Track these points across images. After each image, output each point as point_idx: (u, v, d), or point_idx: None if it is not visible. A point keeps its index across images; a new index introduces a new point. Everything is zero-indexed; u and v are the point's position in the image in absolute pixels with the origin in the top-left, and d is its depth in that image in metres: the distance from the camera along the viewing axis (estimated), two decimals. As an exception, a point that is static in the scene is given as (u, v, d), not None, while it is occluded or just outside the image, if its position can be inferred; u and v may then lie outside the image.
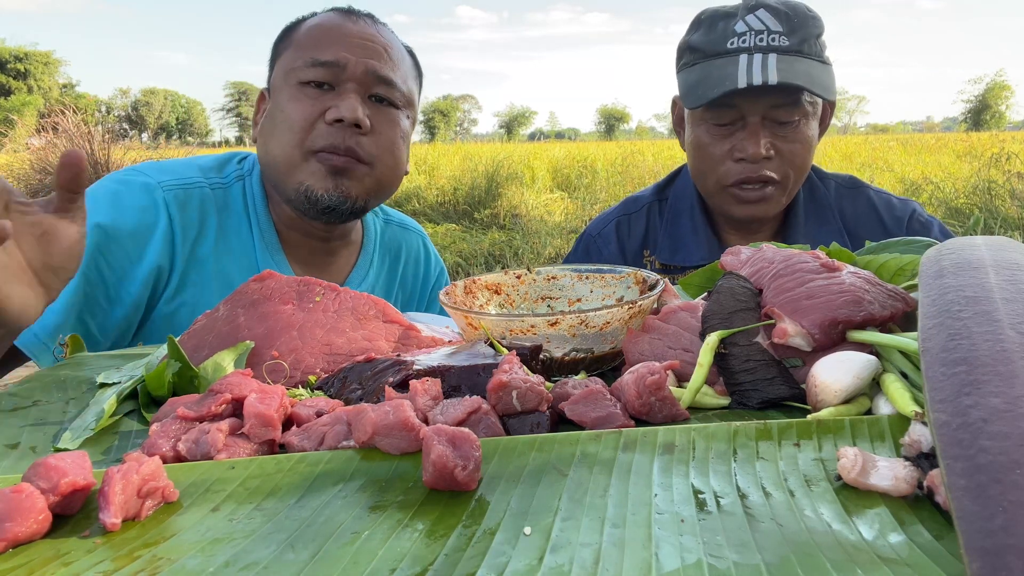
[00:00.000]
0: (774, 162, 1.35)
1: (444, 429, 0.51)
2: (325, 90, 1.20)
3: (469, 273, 7.55)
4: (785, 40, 1.32)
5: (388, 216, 1.53)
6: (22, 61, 57.10)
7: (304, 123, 1.18)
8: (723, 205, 1.42)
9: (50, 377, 0.82)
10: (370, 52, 1.21)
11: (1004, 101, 69.92)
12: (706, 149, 1.39)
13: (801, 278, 0.70)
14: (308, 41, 1.22)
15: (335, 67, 1.19)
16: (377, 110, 1.23)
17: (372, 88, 1.22)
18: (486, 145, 17.95)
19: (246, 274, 1.22)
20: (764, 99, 1.31)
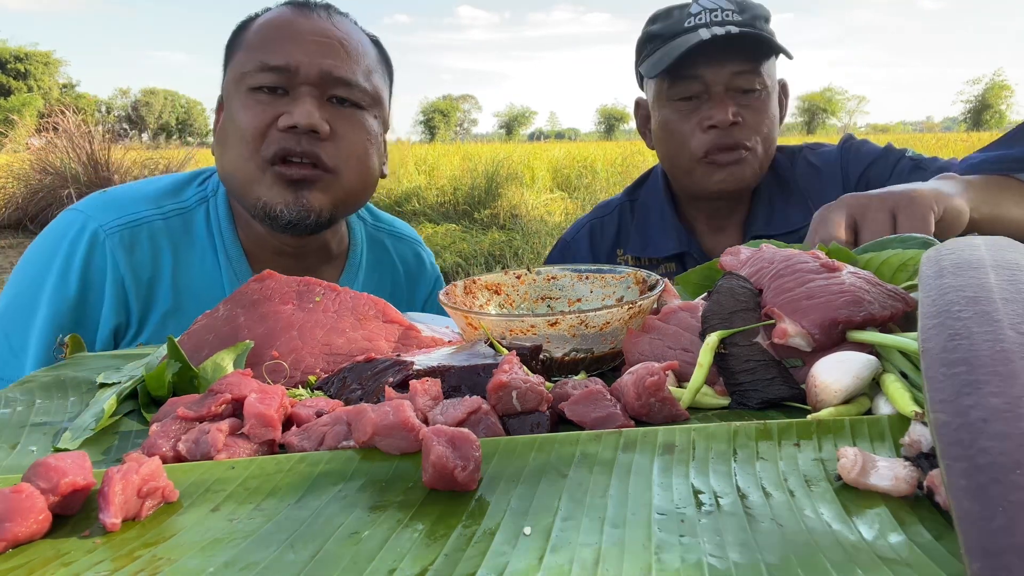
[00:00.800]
0: (743, 129, 1.38)
1: (444, 430, 0.51)
2: (279, 95, 1.10)
3: (469, 273, 7.55)
4: (737, 16, 1.37)
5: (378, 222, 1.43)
6: (22, 61, 57.13)
7: (255, 132, 1.09)
8: (699, 181, 1.43)
9: (50, 377, 0.82)
10: (325, 51, 1.11)
11: (1004, 101, 69.92)
12: (674, 126, 1.43)
13: (801, 278, 0.70)
14: (258, 42, 1.13)
15: (286, 71, 1.09)
16: (338, 113, 1.13)
17: (330, 90, 1.12)
18: (486, 145, 17.96)
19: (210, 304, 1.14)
20: (727, 66, 1.36)
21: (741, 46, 1.35)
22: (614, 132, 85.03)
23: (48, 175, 10.69)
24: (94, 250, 1.11)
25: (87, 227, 1.13)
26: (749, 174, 1.42)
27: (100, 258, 1.11)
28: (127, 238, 1.13)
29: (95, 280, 1.11)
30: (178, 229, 1.17)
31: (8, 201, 11.02)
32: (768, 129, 1.42)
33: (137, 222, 1.14)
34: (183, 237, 1.17)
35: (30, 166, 10.98)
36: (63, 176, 10.42)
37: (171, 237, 1.16)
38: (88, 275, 1.11)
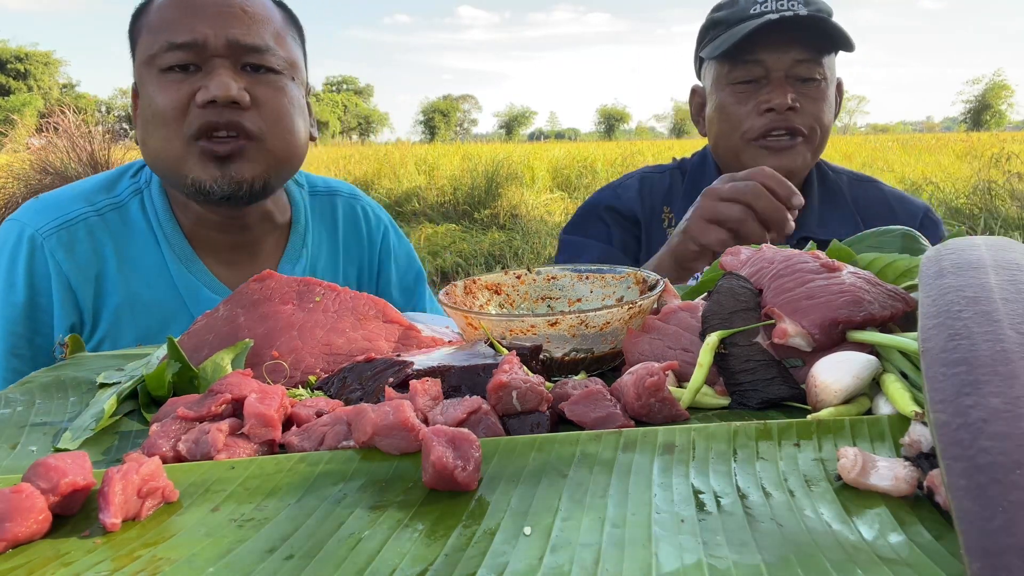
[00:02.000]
0: (799, 115, 1.39)
1: (443, 430, 0.51)
2: (191, 72, 1.08)
3: (469, 273, 7.55)
4: (803, 8, 1.38)
5: (314, 186, 1.39)
6: (22, 61, 57.12)
7: (175, 111, 1.07)
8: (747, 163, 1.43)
9: (50, 377, 0.82)
10: (229, 20, 1.09)
11: (1004, 101, 69.92)
12: (731, 108, 1.44)
13: (801, 278, 0.70)
14: (160, 22, 1.10)
15: (194, 46, 1.07)
16: (255, 79, 1.11)
17: (242, 58, 1.10)
18: (486, 145, 17.97)
19: (162, 294, 1.16)
20: (790, 52, 1.37)
21: (805, 33, 1.36)
22: (614, 132, 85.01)
23: (48, 175, 10.68)
24: (34, 255, 1.12)
25: (24, 234, 1.13)
26: (800, 162, 1.42)
27: (41, 262, 1.12)
28: (64, 238, 1.13)
29: (40, 284, 1.12)
30: (115, 223, 1.17)
31: (8, 201, 11.01)
32: (826, 117, 1.43)
33: (72, 221, 1.14)
34: (121, 230, 1.17)
35: (30, 166, 10.98)
36: (63, 176, 10.41)
37: (109, 231, 1.16)
38: (33, 280, 1.12)
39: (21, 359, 1.11)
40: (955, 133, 33.17)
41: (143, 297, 1.15)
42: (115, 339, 1.14)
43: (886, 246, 0.91)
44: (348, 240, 1.39)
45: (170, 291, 1.17)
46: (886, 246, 0.91)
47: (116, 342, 1.14)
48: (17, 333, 1.11)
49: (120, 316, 1.14)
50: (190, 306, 1.17)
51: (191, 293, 1.17)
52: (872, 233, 0.93)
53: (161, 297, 1.16)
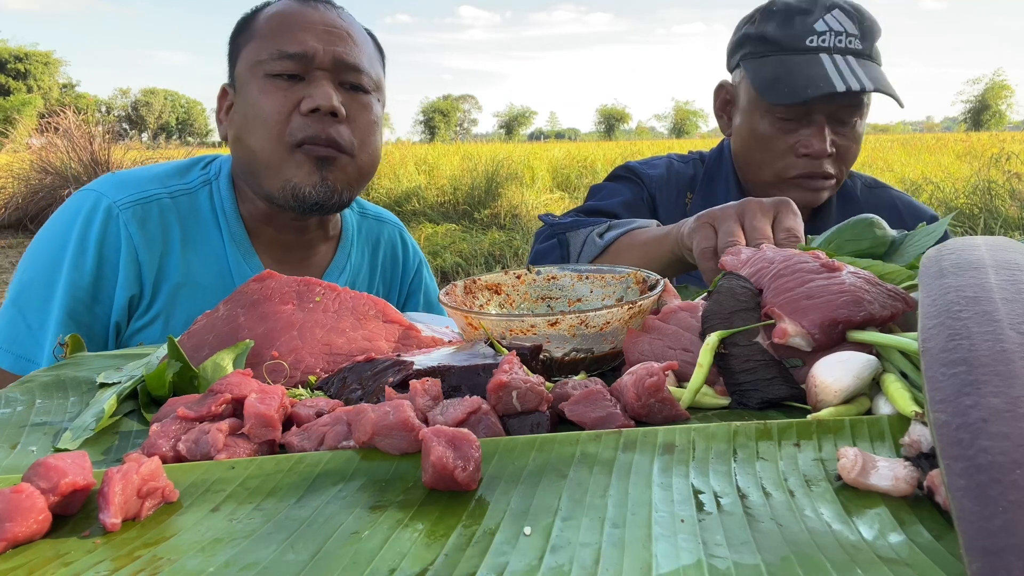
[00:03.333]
0: (833, 159, 1.40)
1: (443, 430, 0.51)
2: (295, 81, 1.17)
3: (469, 273, 7.55)
4: (859, 44, 1.36)
5: (364, 209, 1.51)
6: (22, 61, 57.10)
7: (279, 116, 1.16)
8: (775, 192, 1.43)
9: (50, 377, 0.82)
10: (335, 39, 1.19)
11: (1004, 101, 69.88)
12: (769, 142, 1.42)
13: (801, 278, 0.70)
14: (271, 32, 1.19)
15: (303, 58, 1.16)
16: (350, 97, 1.21)
17: (342, 76, 1.20)
18: (486, 145, 17.96)
19: (217, 280, 1.22)
20: (835, 100, 1.35)
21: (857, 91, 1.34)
22: (614, 132, 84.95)
23: (48, 175, 10.69)
24: (108, 224, 1.17)
25: (100, 203, 1.18)
26: (824, 198, 1.45)
27: (114, 232, 1.17)
28: (139, 213, 1.19)
29: (109, 254, 1.17)
30: (185, 207, 1.24)
31: (8, 201, 11.02)
32: (854, 157, 1.43)
33: (148, 199, 1.21)
34: (189, 215, 1.24)
35: (30, 166, 10.98)
36: (63, 176, 10.42)
37: (179, 214, 1.23)
38: (103, 249, 1.17)
39: (78, 324, 1.16)
40: (955, 133, 33.15)
41: (199, 280, 1.22)
42: (168, 317, 1.20)
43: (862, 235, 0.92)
44: (386, 264, 1.50)
45: (225, 278, 1.23)
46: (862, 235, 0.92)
47: (168, 320, 1.20)
48: (79, 298, 1.16)
49: (176, 296, 1.20)
50: None
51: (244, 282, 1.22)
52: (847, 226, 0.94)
53: (216, 283, 1.22)
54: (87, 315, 1.16)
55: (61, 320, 1.14)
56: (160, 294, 1.19)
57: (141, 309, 1.20)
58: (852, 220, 0.95)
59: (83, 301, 1.16)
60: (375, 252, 1.48)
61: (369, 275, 1.45)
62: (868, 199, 1.57)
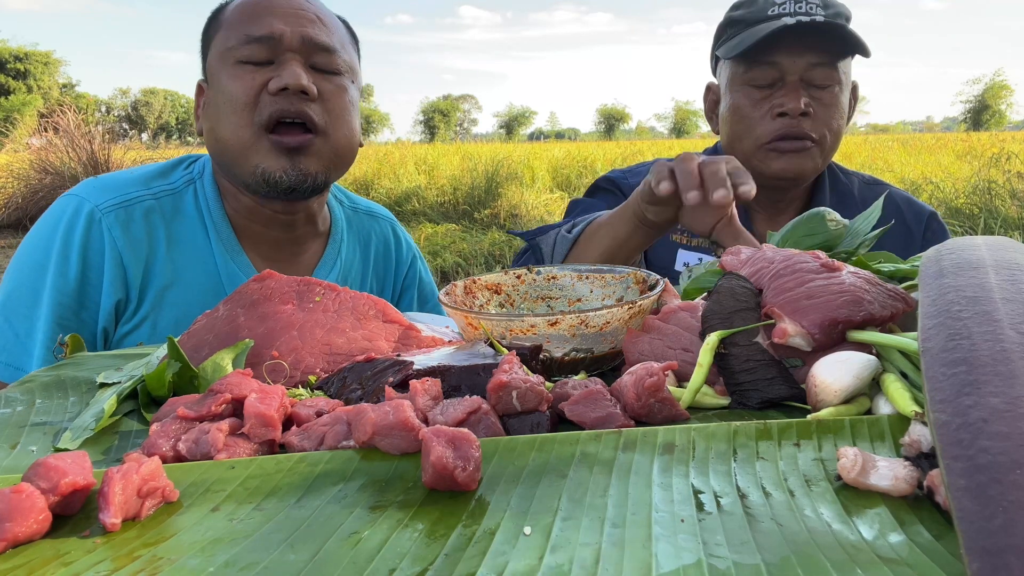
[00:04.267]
0: (811, 121, 1.40)
1: (443, 430, 0.51)
2: (265, 66, 1.16)
3: (469, 273, 7.55)
4: (821, 13, 1.38)
5: (355, 204, 1.49)
6: (22, 61, 57.09)
7: (248, 98, 1.14)
8: (760, 164, 1.44)
9: (50, 377, 0.82)
10: (303, 21, 1.18)
11: (1004, 101, 69.85)
12: (745, 111, 1.44)
13: (801, 278, 0.70)
14: (238, 19, 1.18)
15: (271, 40, 1.15)
16: (321, 77, 1.19)
17: (312, 57, 1.18)
18: (486, 145, 17.96)
19: (205, 280, 1.21)
20: (805, 56, 1.37)
21: (821, 38, 1.36)
22: (614, 132, 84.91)
23: (48, 175, 10.69)
24: (91, 229, 1.16)
25: (83, 208, 1.17)
26: (810, 166, 1.43)
27: (98, 236, 1.16)
28: (122, 216, 1.18)
29: (93, 259, 1.16)
30: (169, 208, 1.23)
31: (8, 201, 11.02)
32: (837, 124, 1.43)
33: (130, 201, 1.19)
34: (174, 215, 1.23)
35: (30, 166, 10.98)
36: (63, 176, 10.42)
37: (163, 215, 1.22)
38: (87, 254, 1.16)
39: (66, 330, 1.14)
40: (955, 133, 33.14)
41: (187, 280, 1.20)
42: (156, 319, 1.19)
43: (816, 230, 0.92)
44: (378, 260, 1.48)
45: (213, 278, 1.22)
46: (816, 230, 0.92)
47: (156, 322, 1.19)
48: (65, 304, 1.15)
49: (164, 297, 1.19)
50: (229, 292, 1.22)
51: (232, 281, 1.22)
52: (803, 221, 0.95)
53: (204, 282, 1.21)
54: (74, 321, 1.16)
55: (49, 327, 1.14)
56: (147, 297, 1.18)
57: (128, 313, 1.19)
58: (805, 215, 0.95)
59: (70, 307, 1.15)
60: (367, 247, 1.46)
61: (361, 271, 1.44)
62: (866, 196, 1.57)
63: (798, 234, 0.94)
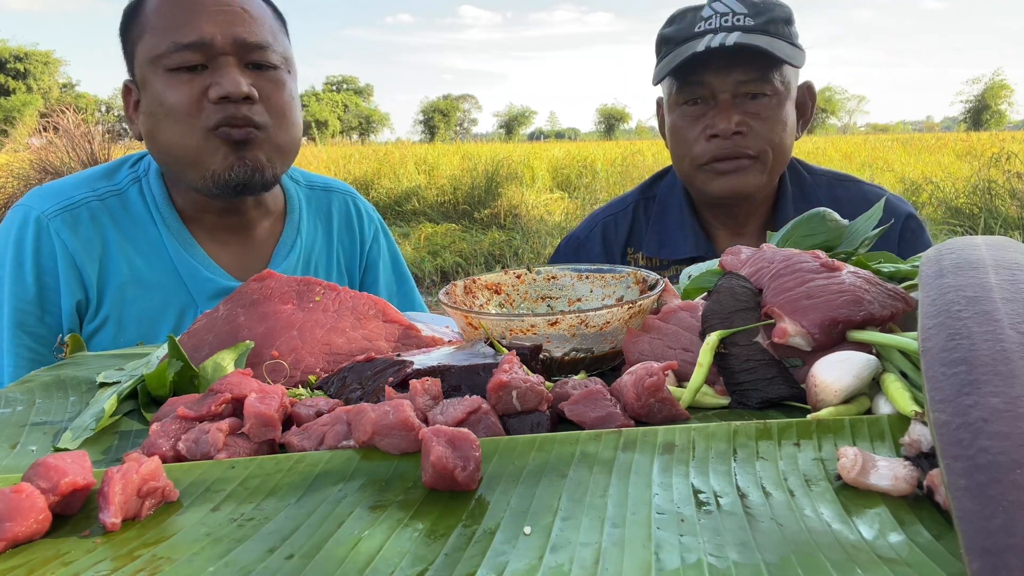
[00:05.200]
0: (748, 138, 1.37)
1: (443, 430, 0.51)
2: (199, 71, 1.13)
3: (469, 273, 7.55)
4: (750, 21, 1.35)
5: (311, 182, 1.47)
6: (22, 61, 57.07)
7: (189, 107, 1.12)
8: (701, 186, 1.42)
9: (50, 377, 0.82)
10: (232, 19, 1.14)
11: (1004, 100, 69.83)
12: (681, 132, 1.42)
13: (801, 278, 0.70)
14: (162, 22, 1.14)
15: (202, 46, 1.12)
16: (259, 76, 1.17)
17: (247, 57, 1.15)
18: (486, 145, 17.95)
19: (162, 275, 1.21)
20: (732, 75, 1.35)
21: (746, 54, 1.33)
22: (614, 132, 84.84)
23: (48, 175, 10.67)
24: (40, 236, 1.17)
25: (30, 216, 1.19)
26: (752, 182, 1.40)
27: (47, 242, 1.17)
28: (68, 219, 1.19)
29: (47, 263, 1.17)
30: (116, 207, 1.23)
31: (8, 201, 11.00)
32: (779, 137, 1.39)
33: (75, 204, 1.20)
34: (122, 213, 1.23)
35: (30, 166, 10.97)
36: (63, 176, 10.41)
37: (111, 215, 1.22)
38: (40, 260, 1.17)
39: (32, 336, 1.17)
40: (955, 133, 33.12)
41: (144, 277, 1.21)
42: (119, 317, 1.20)
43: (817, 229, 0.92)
44: (341, 233, 1.45)
45: (170, 272, 1.22)
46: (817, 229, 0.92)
47: (120, 320, 1.19)
48: (27, 311, 1.17)
49: (124, 295, 1.20)
50: (189, 286, 1.22)
51: (190, 273, 1.22)
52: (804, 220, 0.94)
53: (161, 277, 1.22)
54: (39, 326, 1.17)
55: (13, 334, 1.15)
56: (106, 296, 1.19)
57: (90, 313, 1.20)
58: (806, 215, 0.95)
59: (32, 313, 1.17)
60: (328, 223, 1.44)
61: (325, 249, 1.41)
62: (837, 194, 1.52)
63: (798, 234, 0.94)
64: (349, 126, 79.92)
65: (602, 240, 1.58)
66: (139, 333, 1.19)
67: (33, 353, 1.16)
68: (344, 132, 74.47)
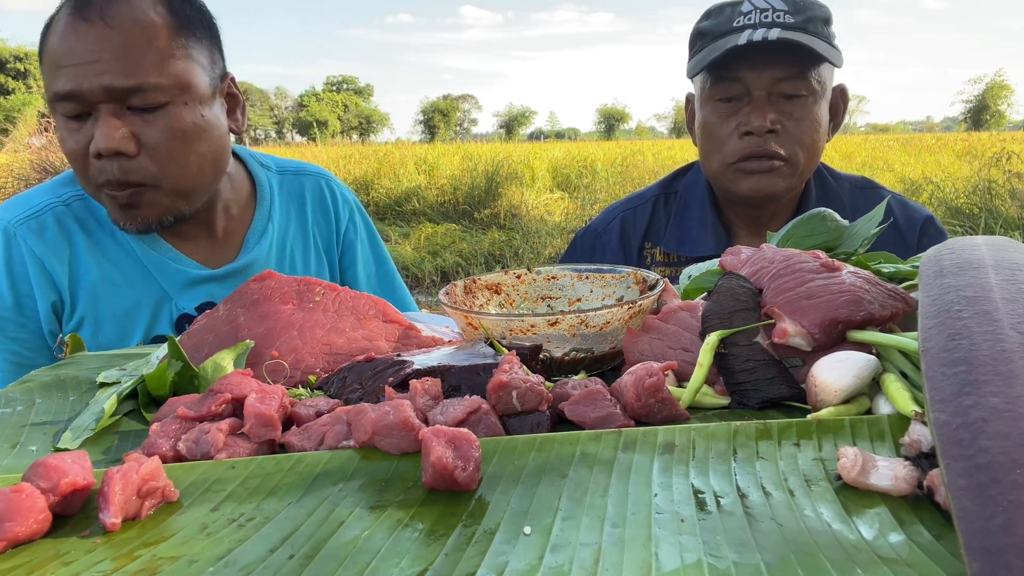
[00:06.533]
0: (781, 138, 1.35)
1: (443, 430, 0.51)
2: (83, 120, 1.10)
3: (469, 273, 7.55)
4: (790, 18, 1.33)
5: (282, 167, 1.44)
6: (22, 61, 57.05)
7: (80, 159, 1.11)
8: (729, 184, 1.41)
9: (50, 377, 0.82)
10: (100, 67, 1.06)
11: (1004, 101, 69.81)
12: (713, 128, 1.40)
13: (801, 278, 0.70)
14: (48, 66, 1.10)
15: (77, 98, 1.07)
16: (142, 120, 1.10)
17: (125, 101, 1.08)
18: (486, 145, 17.93)
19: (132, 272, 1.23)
20: (769, 71, 1.33)
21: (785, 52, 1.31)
22: (614, 132, 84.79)
23: (48, 175, 10.67)
24: (10, 245, 1.20)
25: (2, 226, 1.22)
26: (781, 184, 1.38)
27: (16, 249, 1.20)
28: (34, 226, 1.21)
29: (19, 270, 1.20)
30: (80, 211, 1.25)
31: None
32: (811, 138, 1.37)
33: (39, 211, 1.23)
34: (87, 217, 1.25)
35: (30, 166, 10.96)
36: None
37: (76, 218, 1.24)
38: (12, 268, 1.20)
39: (15, 340, 1.20)
40: (955, 133, 33.11)
41: (115, 276, 1.23)
42: (95, 315, 1.22)
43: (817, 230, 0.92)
44: (316, 215, 1.43)
45: (139, 269, 1.24)
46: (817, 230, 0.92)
47: (96, 318, 1.22)
48: (8, 318, 1.20)
49: (96, 294, 1.22)
50: (159, 280, 1.24)
51: (158, 267, 1.24)
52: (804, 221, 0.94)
53: (131, 275, 1.24)
54: (21, 331, 1.20)
55: None
56: (79, 296, 1.22)
57: (67, 313, 1.22)
58: (805, 215, 0.94)
59: (13, 320, 1.20)
60: (302, 207, 1.41)
61: (300, 234, 1.40)
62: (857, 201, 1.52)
63: (798, 234, 0.94)
64: (349, 126, 79.90)
65: (620, 233, 1.57)
66: (117, 328, 1.22)
67: (17, 357, 1.19)
68: (344, 132, 74.43)
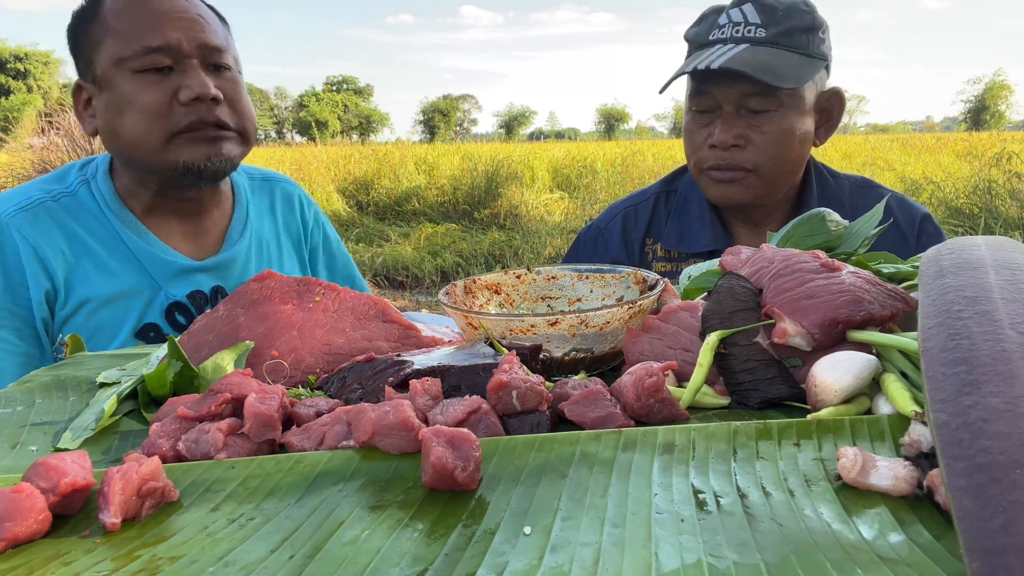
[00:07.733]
0: (746, 152, 1.38)
1: (443, 430, 0.51)
2: (166, 73, 1.22)
3: (469, 273, 7.55)
4: (762, 32, 1.36)
5: (251, 173, 1.58)
6: (22, 61, 57.04)
7: (159, 108, 1.21)
8: (703, 188, 1.47)
9: (50, 377, 0.82)
10: (192, 26, 1.24)
11: (1004, 101, 69.79)
12: (691, 135, 1.46)
13: (801, 278, 0.70)
14: (128, 26, 1.22)
15: (170, 50, 1.21)
16: (219, 77, 1.27)
17: (208, 59, 1.25)
18: (486, 145, 17.93)
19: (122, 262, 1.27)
20: (736, 88, 1.36)
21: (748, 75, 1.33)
22: (614, 132, 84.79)
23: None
24: (3, 235, 1.23)
25: None
26: (748, 193, 1.42)
27: (10, 239, 1.23)
28: (28, 216, 1.25)
29: (12, 259, 1.22)
30: (70, 206, 1.30)
31: (8, 201, 10.97)
32: (781, 150, 1.39)
33: (33, 203, 1.27)
34: (76, 211, 1.30)
35: (30, 166, 10.96)
36: (63, 176, 10.39)
37: (67, 212, 1.29)
38: (5, 258, 1.22)
39: (8, 329, 1.21)
40: (955, 133, 33.10)
41: (107, 266, 1.27)
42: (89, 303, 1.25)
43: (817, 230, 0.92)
44: (287, 218, 1.57)
45: (130, 260, 1.28)
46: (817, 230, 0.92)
47: (91, 305, 1.25)
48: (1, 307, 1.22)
49: (90, 283, 1.25)
50: (150, 270, 1.29)
51: (149, 259, 1.29)
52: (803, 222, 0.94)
53: (123, 265, 1.28)
54: (14, 320, 1.22)
55: None
56: (73, 285, 1.25)
57: (60, 301, 1.25)
58: (805, 215, 0.95)
59: (7, 309, 1.21)
60: (273, 210, 1.54)
61: (273, 232, 1.51)
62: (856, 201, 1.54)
63: (798, 234, 0.94)
64: (349, 126, 79.89)
65: (622, 230, 1.60)
66: (111, 315, 1.25)
67: (10, 345, 1.21)
68: (344, 132, 74.42)
